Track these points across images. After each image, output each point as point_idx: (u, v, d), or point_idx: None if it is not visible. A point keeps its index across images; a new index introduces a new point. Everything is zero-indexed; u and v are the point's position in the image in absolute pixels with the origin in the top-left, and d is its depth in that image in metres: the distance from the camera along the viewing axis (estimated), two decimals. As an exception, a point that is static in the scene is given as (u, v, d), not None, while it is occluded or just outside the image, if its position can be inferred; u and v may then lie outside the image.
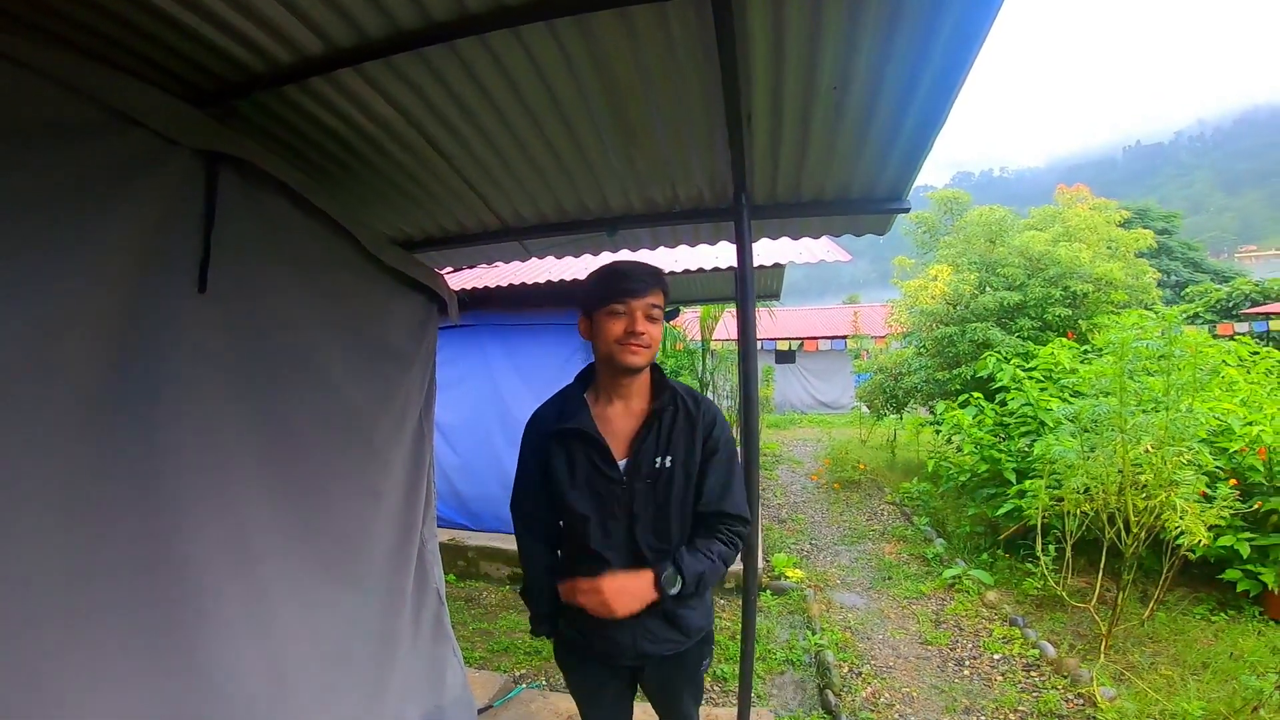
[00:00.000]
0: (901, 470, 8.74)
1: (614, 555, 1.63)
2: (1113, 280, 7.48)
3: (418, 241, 2.85)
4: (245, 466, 1.59)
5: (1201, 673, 3.40)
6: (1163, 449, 3.51)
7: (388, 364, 2.27)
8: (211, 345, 1.45)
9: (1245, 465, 4.25)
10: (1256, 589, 4.01)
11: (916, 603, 4.66)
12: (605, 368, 1.67)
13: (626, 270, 1.62)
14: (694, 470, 1.66)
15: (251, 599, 1.62)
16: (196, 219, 1.42)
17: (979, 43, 1.65)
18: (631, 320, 1.58)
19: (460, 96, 1.80)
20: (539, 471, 1.69)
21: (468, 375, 5.51)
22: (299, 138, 1.99)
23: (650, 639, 1.68)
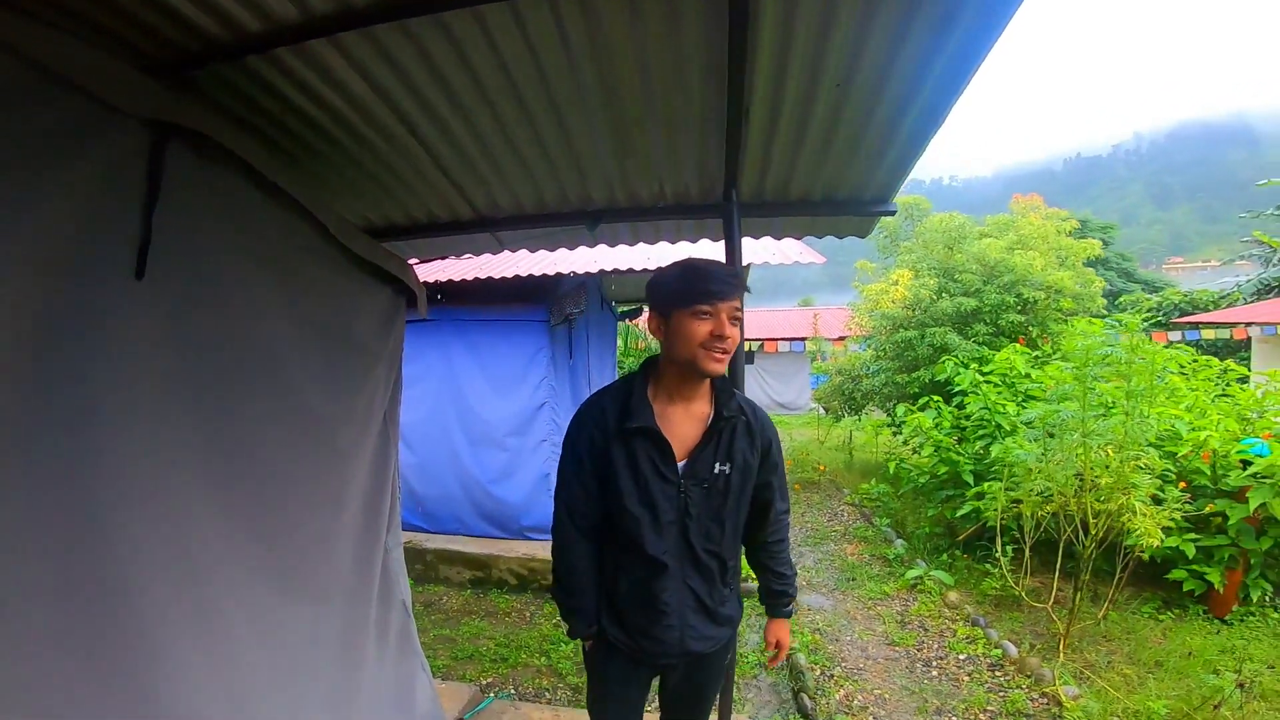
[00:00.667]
0: (859, 471, 8.87)
1: (669, 558, 1.63)
2: (1062, 288, 7.74)
3: (382, 230, 2.69)
4: (189, 473, 1.42)
5: (1157, 671, 3.51)
6: (1122, 453, 3.60)
7: (353, 360, 2.11)
8: (150, 337, 1.28)
9: (1190, 469, 4.42)
10: (1201, 588, 4.17)
11: (881, 603, 4.69)
12: (677, 369, 1.62)
13: (714, 271, 1.58)
14: (750, 479, 1.69)
15: (200, 618, 1.45)
16: (138, 197, 1.25)
17: (988, 47, 1.62)
18: (719, 324, 1.53)
19: (444, 76, 1.67)
20: (595, 465, 1.64)
21: (427, 372, 5.31)
22: (260, 115, 1.82)
23: (695, 636, 1.69)
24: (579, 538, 1.69)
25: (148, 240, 1.24)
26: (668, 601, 1.64)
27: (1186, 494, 3.93)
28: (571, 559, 1.70)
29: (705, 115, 1.92)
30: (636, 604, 1.66)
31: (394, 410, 2.46)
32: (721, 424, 1.63)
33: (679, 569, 1.64)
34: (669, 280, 1.60)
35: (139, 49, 1.51)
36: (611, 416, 1.62)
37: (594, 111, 1.88)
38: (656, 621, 1.64)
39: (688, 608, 1.66)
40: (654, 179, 2.29)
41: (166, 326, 1.32)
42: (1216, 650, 3.70)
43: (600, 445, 1.62)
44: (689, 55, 1.62)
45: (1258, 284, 17.40)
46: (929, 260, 8.26)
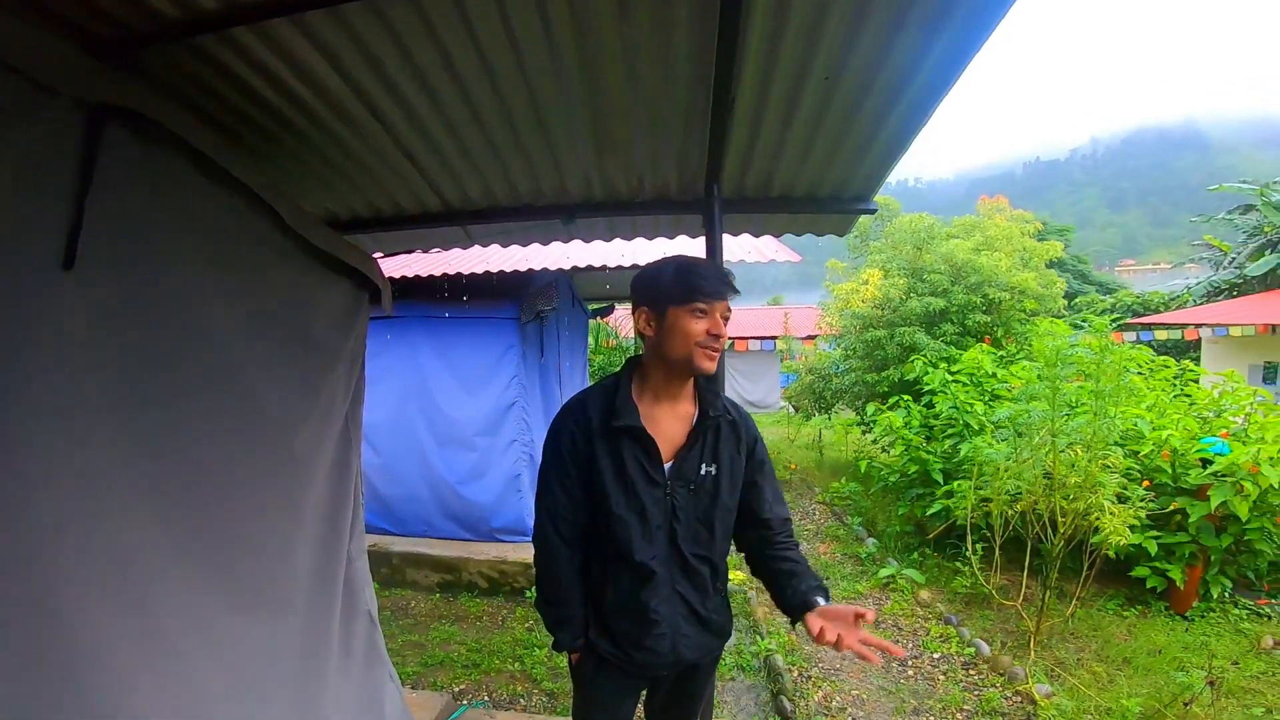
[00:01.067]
0: (830, 470, 8.93)
1: (657, 564, 1.58)
2: (1026, 289, 7.88)
3: (345, 222, 2.56)
4: (125, 481, 1.29)
5: (1125, 668, 3.57)
6: (1090, 452, 3.65)
7: (310, 359, 1.98)
8: (79, 332, 1.15)
9: (1152, 467, 4.52)
10: (1163, 585, 4.27)
11: (855, 603, 4.68)
12: (665, 368, 1.58)
13: (712, 270, 1.58)
14: (738, 480, 1.65)
15: (143, 634, 1.33)
16: (70, 181, 1.13)
17: (979, 46, 1.59)
18: (715, 322, 1.52)
19: (417, 60, 1.56)
20: (578, 468, 1.58)
21: (392, 370, 5.15)
22: (212, 99, 1.69)
23: (688, 645, 1.64)
24: (563, 546, 1.62)
25: (79, 227, 1.12)
26: (658, 610, 1.59)
27: (1150, 492, 4.01)
28: (556, 568, 1.63)
29: (690, 107, 1.85)
30: (626, 614, 1.60)
31: (356, 411, 2.34)
32: (707, 424, 1.60)
33: (668, 575, 1.59)
34: (666, 276, 1.56)
35: (85, 29, 1.38)
36: (595, 416, 1.58)
37: (574, 101, 1.79)
38: (648, 631, 1.59)
39: (679, 616, 1.61)
40: (633, 173, 2.21)
41: (98, 320, 1.19)
42: (1180, 647, 3.78)
43: (584, 446, 1.57)
44: (677, 43, 1.54)
45: (1208, 286, 18.07)
46: (898, 260, 8.35)
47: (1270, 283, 16.05)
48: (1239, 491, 3.98)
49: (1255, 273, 16.18)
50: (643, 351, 1.65)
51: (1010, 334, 7.75)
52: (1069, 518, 3.73)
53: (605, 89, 1.74)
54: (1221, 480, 4.07)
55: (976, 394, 5.67)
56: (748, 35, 1.52)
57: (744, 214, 2.52)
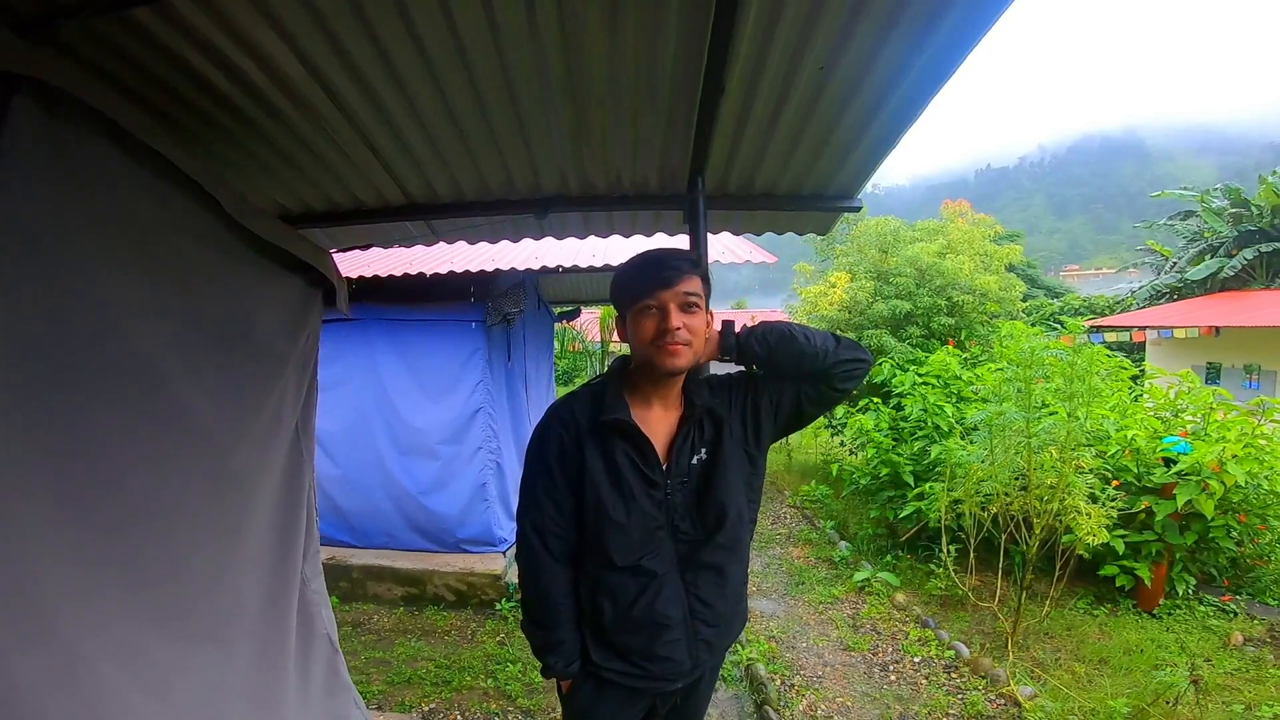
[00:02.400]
0: (799, 473, 8.92)
1: (660, 565, 1.49)
2: (988, 292, 8.02)
3: (297, 216, 2.36)
4: (28, 504, 1.11)
5: (1103, 668, 3.58)
6: (1064, 453, 3.66)
7: (252, 364, 1.79)
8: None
9: (1118, 466, 4.58)
10: (1131, 583, 4.32)
11: (832, 607, 4.65)
12: (645, 370, 1.51)
13: (655, 258, 1.49)
14: (736, 447, 1.56)
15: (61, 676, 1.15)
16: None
17: (975, 42, 1.52)
18: (664, 316, 1.42)
19: (381, 40, 1.40)
20: (567, 475, 1.49)
21: (349, 376, 4.89)
22: (146, 80, 1.50)
23: (706, 646, 1.56)
24: (553, 562, 1.51)
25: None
26: (669, 615, 1.50)
27: (1120, 491, 4.05)
28: (545, 587, 1.52)
29: (675, 98, 1.74)
30: (633, 625, 1.49)
31: (308, 420, 2.15)
32: (694, 413, 1.53)
33: (677, 576, 1.51)
34: (620, 278, 1.52)
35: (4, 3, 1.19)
36: (583, 415, 1.50)
37: (553, 88, 1.65)
38: (658, 637, 1.49)
39: (696, 618, 1.53)
40: (612, 166, 2.08)
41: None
42: (1154, 645, 3.82)
43: (572, 450, 1.48)
44: (667, 30, 1.42)
45: (1150, 290, 18.81)
46: (865, 263, 8.41)
47: (1210, 286, 16.81)
48: (1204, 490, 4.05)
49: (1196, 276, 16.91)
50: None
51: (973, 336, 7.88)
52: (1043, 518, 3.73)
53: (587, 76, 1.61)
54: (1186, 479, 4.14)
55: (945, 396, 5.70)
56: (743, 21, 1.42)
57: (725, 210, 2.42)
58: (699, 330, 1.47)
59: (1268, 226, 16.48)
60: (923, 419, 5.55)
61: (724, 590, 1.56)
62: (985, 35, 1.51)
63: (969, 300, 7.92)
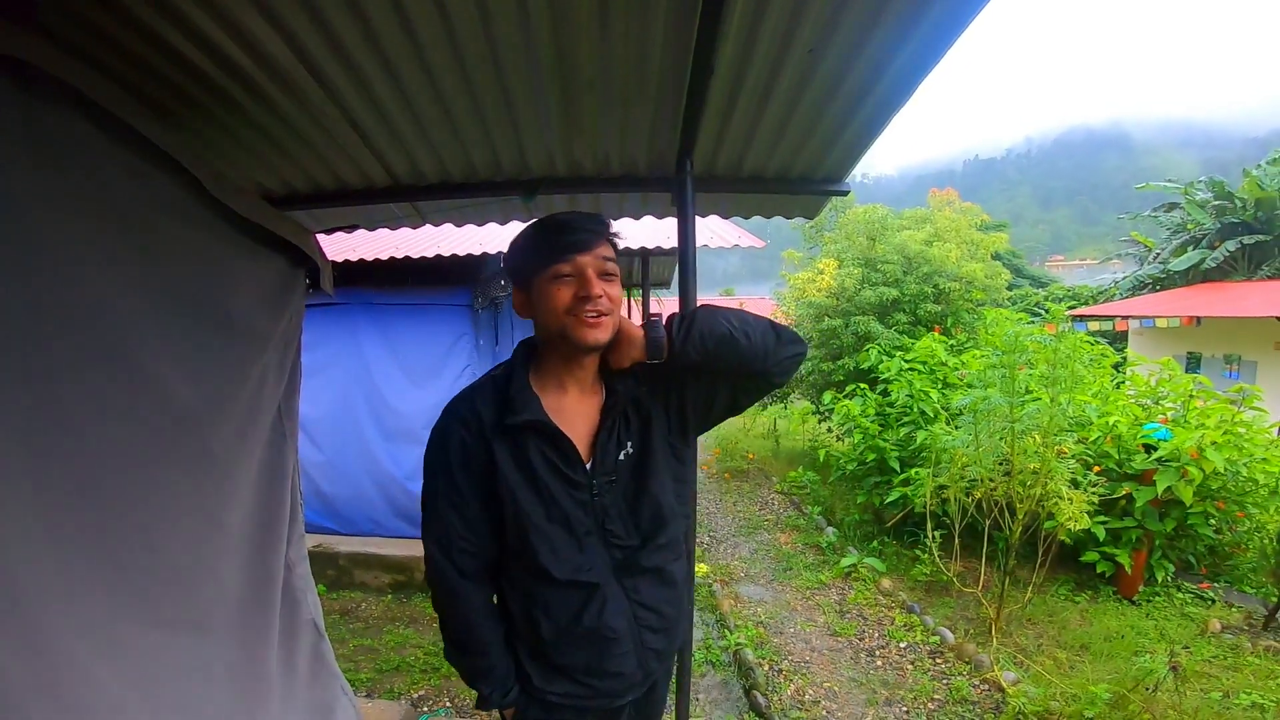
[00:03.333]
0: (786, 459, 8.98)
1: (597, 576, 1.34)
2: (973, 279, 8.07)
3: (280, 198, 2.32)
4: (2, 484, 1.09)
5: (1084, 654, 3.64)
6: (1047, 438, 3.70)
7: (232, 345, 1.76)
8: None
9: (1099, 453, 4.64)
10: (1111, 570, 4.39)
11: (819, 593, 4.70)
12: (556, 348, 1.33)
13: (565, 220, 1.32)
14: (662, 437, 1.42)
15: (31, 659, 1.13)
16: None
17: (964, 25, 1.51)
18: (584, 282, 1.26)
19: (367, 17, 1.37)
20: (474, 482, 1.31)
21: (334, 360, 4.85)
22: (121, 58, 1.45)
23: (655, 655, 1.43)
24: (465, 582, 1.35)
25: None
26: (615, 627, 1.35)
27: (1101, 478, 4.11)
28: (462, 610, 1.36)
29: (664, 78, 1.71)
30: (575, 642, 1.35)
31: (290, 403, 2.13)
32: (616, 401, 1.37)
33: (617, 584, 1.37)
34: (520, 244, 1.35)
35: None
36: (486, 411, 1.31)
37: (541, 68, 1.62)
38: (607, 652, 1.36)
39: (642, 626, 1.39)
40: (600, 147, 2.05)
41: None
42: (1134, 632, 3.89)
43: (478, 453, 1.30)
44: (657, 9, 1.40)
45: (1133, 280, 19.02)
46: (852, 251, 8.43)
47: (1193, 277, 17.02)
48: (1183, 476, 4.11)
49: (1179, 267, 17.11)
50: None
51: (959, 323, 7.93)
52: (1026, 504, 3.78)
53: (576, 55, 1.58)
54: (1166, 465, 4.20)
55: (931, 382, 5.74)
56: (733, 3, 1.40)
57: (713, 194, 2.41)
58: (619, 301, 1.32)
59: (1250, 219, 16.69)
60: (909, 405, 5.59)
61: (669, 593, 1.44)
62: (973, 20, 1.50)
63: (955, 288, 7.97)
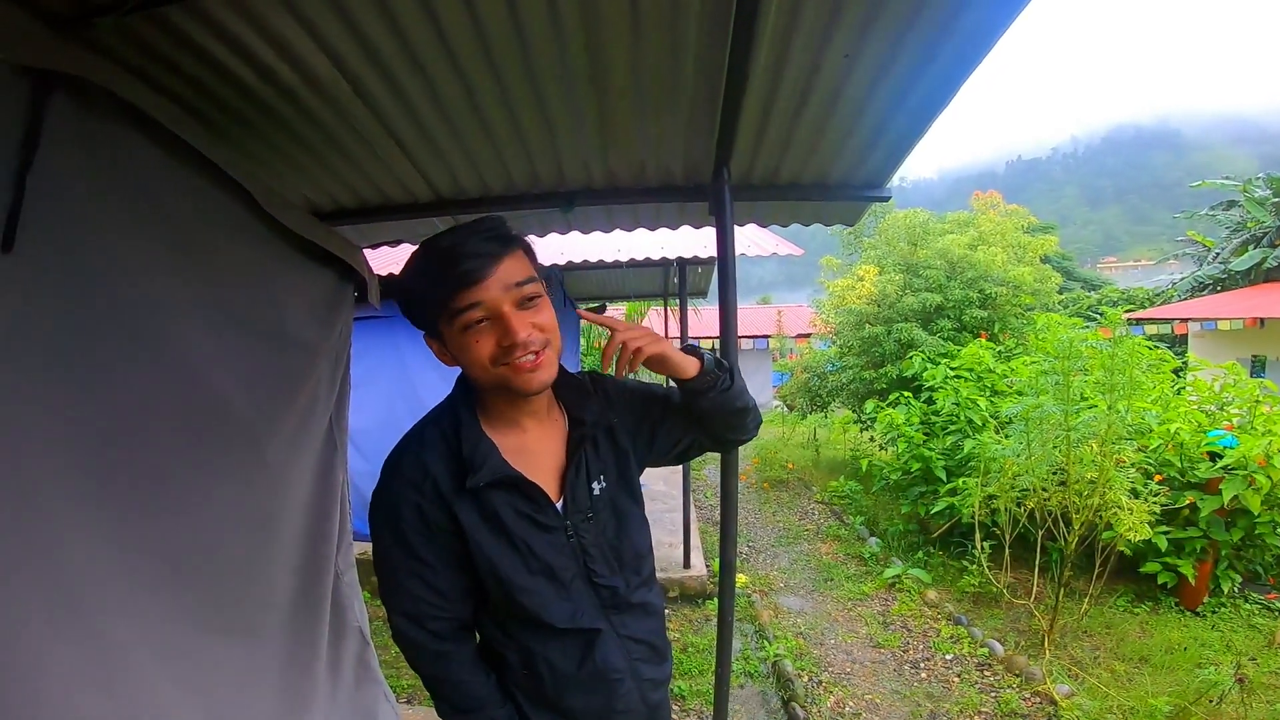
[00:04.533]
0: (826, 469, 8.84)
1: (591, 618, 1.25)
2: (1022, 284, 7.84)
3: (328, 213, 2.40)
4: (69, 491, 1.14)
5: (1143, 666, 3.49)
6: (1104, 447, 3.56)
7: (285, 357, 1.82)
8: (19, 324, 1.01)
9: (1160, 461, 4.44)
10: (1174, 581, 4.19)
11: (861, 604, 4.60)
12: (496, 393, 1.18)
13: (450, 245, 1.06)
14: (632, 468, 1.33)
15: (96, 663, 1.18)
16: (9, 157, 0.98)
17: (1005, 26, 1.48)
18: (503, 326, 1.06)
19: (406, 34, 1.41)
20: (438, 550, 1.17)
21: (378, 371, 4.96)
22: (178, 77, 1.53)
23: (652, 686, 1.36)
24: (447, 645, 1.22)
25: (19, 206, 0.97)
26: (617, 667, 1.28)
27: (1163, 487, 3.94)
28: (453, 674, 1.23)
29: (698, 87, 1.72)
30: (580, 688, 1.26)
31: (341, 414, 2.19)
32: (583, 432, 1.25)
33: (608, 624, 1.27)
34: (408, 284, 1.12)
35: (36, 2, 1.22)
36: (441, 475, 1.15)
37: (576, 79, 1.65)
38: (614, 693, 1.28)
39: (637, 660, 1.32)
40: (636, 157, 2.07)
41: (39, 313, 1.04)
42: (1197, 644, 3.71)
43: (437, 518, 1.15)
44: (689, 16, 1.41)
45: (1192, 281, 18.22)
46: (893, 256, 8.28)
47: (1255, 277, 16.21)
48: (1250, 485, 3.91)
49: (1240, 267, 16.32)
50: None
51: (1007, 329, 7.70)
52: (1083, 514, 3.64)
53: (610, 64, 1.60)
54: (1232, 474, 4.00)
55: (978, 389, 5.59)
56: (766, 7, 1.40)
57: (750, 202, 2.40)
58: (551, 326, 1.12)
59: (1315, 215, 15.84)
60: (955, 413, 5.45)
61: (655, 624, 1.38)
62: (1014, 21, 1.47)
63: (1003, 292, 7.75)
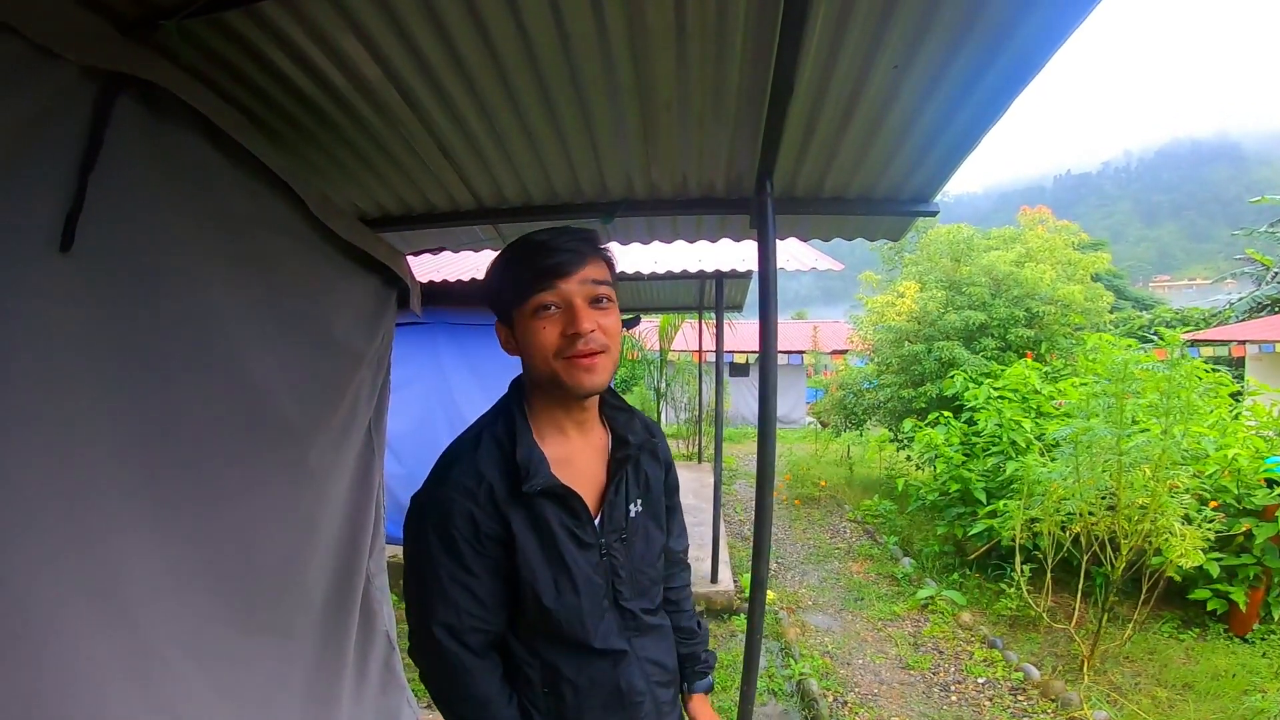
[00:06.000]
0: (860, 487, 8.66)
1: (616, 639, 1.25)
2: (1071, 302, 7.59)
3: (374, 220, 2.45)
4: (119, 487, 1.17)
5: (1186, 693, 3.33)
6: (1158, 472, 3.42)
7: (331, 361, 1.86)
8: (74, 322, 1.04)
9: (1216, 487, 4.25)
10: (1223, 607, 4.02)
11: (892, 624, 4.48)
12: (548, 393, 1.19)
13: (543, 240, 1.13)
14: (662, 507, 1.36)
15: (131, 657, 1.21)
16: (72, 156, 1.02)
17: (1060, 41, 1.44)
18: (571, 315, 1.10)
19: (455, 44, 1.44)
20: (483, 556, 1.14)
21: (416, 377, 5.06)
22: (237, 81, 1.58)
23: (668, 707, 1.38)
24: (479, 662, 1.18)
25: (80, 206, 1.01)
26: (639, 689, 1.29)
27: (1219, 513, 3.77)
28: (476, 690, 1.18)
29: (742, 98, 1.71)
30: (601, 708, 1.25)
31: (380, 419, 2.23)
32: (628, 454, 1.26)
33: (630, 646, 1.28)
34: (496, 271, 1.19)
35: (102, 3, 1.28)
36: (497, 480, 1.14)
37: (620, 88, 1.66)
38: (635, 715, 1.28)
39: (654, 683, 1.33)
40: (678, 168, 2.07)
41: (96, 311, 1.08)
42: (1245, 671, 3.53)
43: (490, 526, 1.14)
44: (735, 29, 1.41)
45: (1251, 302, 17.46)
46: (935, 273, 8.11)
47: (1321, 299, 15.43)
48: (1311, 514, 3.71)
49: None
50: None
51: (1055, 349, 7.46)
52: (1132, 539, 3.50)
53: (655, 76, 1.61)
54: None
55: (1023, 411, 5.42)
56: (813, 19, 1.39)
57: (793, 215, 2.37)
58: (615, 333, 1.15)
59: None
60: (997, 434, 5.29)
61: (667, 646, 1.40)
62: (1070, 36, 1.43)
63: (1051, 311, 7.51)
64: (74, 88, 1.06)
